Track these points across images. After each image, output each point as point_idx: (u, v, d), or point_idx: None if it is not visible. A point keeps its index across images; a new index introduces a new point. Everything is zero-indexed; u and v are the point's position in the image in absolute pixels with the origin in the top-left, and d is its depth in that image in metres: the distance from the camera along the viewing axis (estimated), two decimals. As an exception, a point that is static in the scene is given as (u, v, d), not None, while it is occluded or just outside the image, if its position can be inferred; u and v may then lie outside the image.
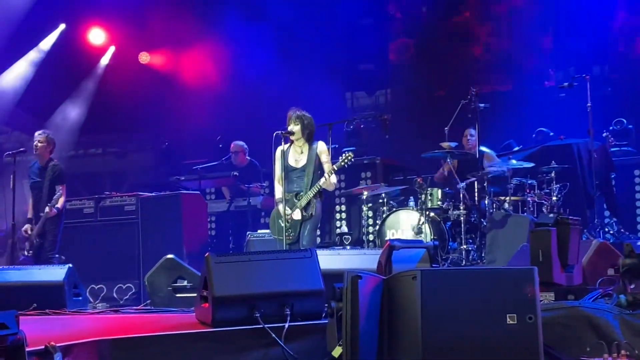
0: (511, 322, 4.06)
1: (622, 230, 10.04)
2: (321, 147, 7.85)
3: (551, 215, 5.43)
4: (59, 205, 9.07)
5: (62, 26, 13.64)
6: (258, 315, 4.84)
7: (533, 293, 4.05)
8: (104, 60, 14.20)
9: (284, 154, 7.82)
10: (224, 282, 4.99)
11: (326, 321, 4.63)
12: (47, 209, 8.99)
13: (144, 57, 14.31)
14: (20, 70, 13.60)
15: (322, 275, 5.22)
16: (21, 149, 9.43)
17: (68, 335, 4.79)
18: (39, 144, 9.30)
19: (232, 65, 13.75)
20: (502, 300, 4.09)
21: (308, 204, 7.62)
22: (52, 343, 4.19)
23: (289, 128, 7.78)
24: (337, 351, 4.32)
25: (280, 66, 14.03)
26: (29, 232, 9.12)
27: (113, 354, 4.51)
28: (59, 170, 9.35)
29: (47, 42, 13.66)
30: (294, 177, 7.78)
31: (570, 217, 5.44)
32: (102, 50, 14.16)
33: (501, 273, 4.29)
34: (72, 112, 14.11)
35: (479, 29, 14.58)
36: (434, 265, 5.64)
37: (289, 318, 4.87)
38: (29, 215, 9.35)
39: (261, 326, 4.78)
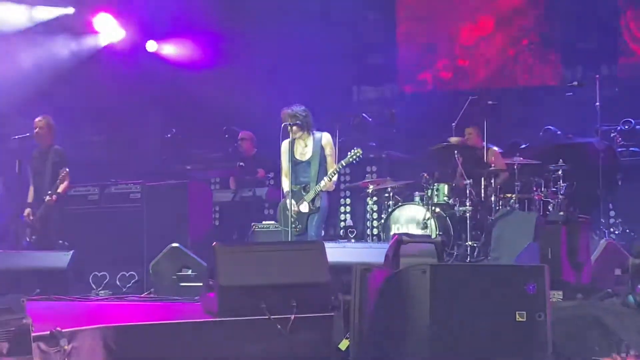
0: (520, 319, 4.04)
1: (627, 230, 10.00)
2: (326, 139, 7.85)
3: (561, 213, 5.41)
4: (60, 190, 9.01)
5: (71, 10, 13.55)
6: (264, 305, 4.82)
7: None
8: (110, 46, 14.12)
9: (290, 147, 7.80)
10: (231, 272, 4.98)
11: (332, 313, 4.61)
12: (47, 197, 8.92)
13: (152, 45, 14.25)
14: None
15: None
16: (27, 134, 9.35)
17: (73, 321, 4.78)
18: (39, 130, 9.25)
19: (239, 56, 13.69)
20: (511, 297, 4.08)
21: (315, 196, 7.61)
22: (58, 328, 4.18)
23: (288, 128, 7.76)
24: (344, 344, 4.31)
25: (287, 58, 14.00)
26: (31, 217, 9.08)
27: (118, 340, 4.50)
28: (61, 154, 9.29)
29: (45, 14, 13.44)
30: (300, 170, 7.78)
31: (580, 215, 5.42)
32: (109, 36, 14.08)
33: (511, 270, 4.28)
34: (76, 97, 14.05)
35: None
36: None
37: (295, 309, 4.85)
38: (29, 199, 9.30)
39: (267, 317, 4.77)
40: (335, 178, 7.78)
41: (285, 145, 7.82)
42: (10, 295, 4.01)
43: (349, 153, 7.67)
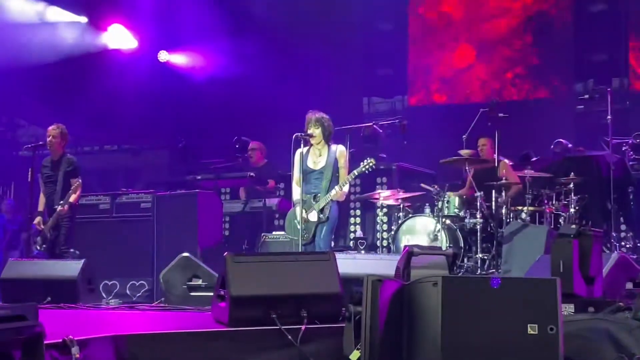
0: (532, 332, 4.02)
1: (638, 244, 9.98)
2: (340, 151, 7.86)
3: (572, 226, 5.39)
4: (72, 200, 9.03)
5: (84, 19, 13.64)
6: (275, 316, 4.82)
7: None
8: (122, 56, 14.20)
9: (303, 156, 7.82)
10: (242, 281, 4.98)
11: (343, 324, 4.61)
12: (59, 207, 8.93)
13: (163, 56, 14.33)
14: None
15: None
16: (40, 143, 9.38)
17: (84, 330, 4.79)
18: (53, 139, 9.28)
19: (251, 66, 13.74)
20: (523, 309, 4.06)
21: (325, 205, 7.61)
22: (70, 337, 4.18)
23: (309, 131, 7.76)
24: (355, 355, 4.30)
25: (297, 69, 14.04)
26: (42, 225, 9.10)
27: (130, 350, 4.50)
28: (74, 163, 9.31)
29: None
30: (312, 179, 7.78)
31: (592, 228, 5.40)
32: (121, 46, 14.16)
33: (523, 282, 4.26)
34: (88, 107, 14.12)
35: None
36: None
37: (305, 320, 4.85)
38: (40, 208, 9.32)
39: (278, 327, 4.77)
40: (346, 188, 7.77)
41: (298, 154, 7.83)
42: (24, 304, 4.01)
43: (361, 163, 7.68)
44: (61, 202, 8.94)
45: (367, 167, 7.63)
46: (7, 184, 14.92)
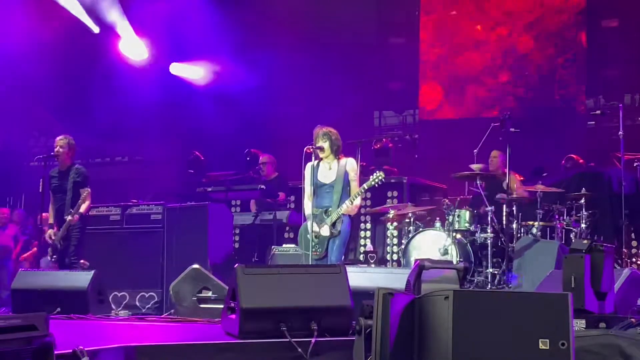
0: (543, 347, 4.00)
1: (649, 260, 9.94)
2: (350, 164, 7.84)
3: (584, 241, 5.37)
4: (82, 210, 9.03)
5: (96, 29, 13.70)
6: (285, 328, 4.82)
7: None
8: (134, 67, 14.25)
9: (314, 170, 7.81)
10: (252, 294, 4.98)
11: (353, 338, 4.59)
12: (69, 217, 8.94)
13: (175, 67, 14.40)
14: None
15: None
16: (51, 154, 9.40)
17: (94, 341, 4.79)
18: (60, 149, 9.28)
19: (262, 80, 13.78)
20: (535, 324, 4.04)
21: (337, 220, 7.59)
22: (81, 347, 4.19)
23: (317, 145, 7.76)
24: (365, 368, 4.29)
25: (309, 82, 14.07)
26: (53, 237, 9.10)
27: (140, 360, 4.50)
28: (83, 172, 9.30)
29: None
30: (323, 193, 7.75)
31: (604, 244, 5.38)
32: (132, 58, 14.22)
33: (535, 297, 4.24)
34: (100, 118, 14.18)
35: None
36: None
37: (316, 333, 4.84)
38: (50, 220, 9.33)
39: (288, 340, 4.76)
40: (357, 201, 7.75)
41: (308, 167, 7.82)
42: (34, 314, 4.01)
43: (371, 177, 7.66)
44: (71, 210, 8.95)
45: (376, 180, 7.61)
46: (18, 194, 14.95)
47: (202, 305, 6.96)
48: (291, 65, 13.84)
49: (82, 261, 9.02)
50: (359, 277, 6.27)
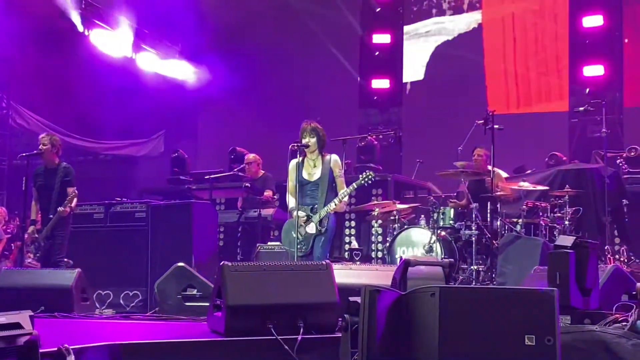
0: (529, 343, 4.01)
1: (632, 257, 9.99)
2: (335, 160, 7.79)
3: (570, 237, 5.38)
4: (73, 204, 8.98)
5: (81, 28, 13.62)
6: (271, 326, 4.81)
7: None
8: (119, 65, 14.19)
9: (298, 167, 7.76)
10: (238, 291, 4.96)
11: (339, 335, 4.59)
12: (60, 208, 8.87)
13: (161, 66, 14.36)
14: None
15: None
16: (35, 152, 9.32)
17: (78, 339, 4.77)
18: (44, 147, 9.21)
19: (247, 77, 13.77)
20: (520, 320, 4.05)
21: (323, 217, 7.56)
22: (66, 345, 4.16)
23: (304, 141, 7.71)
24: (351, 365, 4.28)
25: (293, 81, 14.08)
26: (36, 234, 9.03)
27: (126, 358, 4.47)
28: (71, 172, 9.24)
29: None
30: (307, 191, 7.70)
31: (589, 240, 5.40)
32: (117, 56, 14.16)
33: (521, 293, 4.24)
34: (84, 116, 14.11)
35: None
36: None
37: (302, 330, 4.83)
38: (33, 217, 9.25)
39: (274, 337, 4.75)
40: (346, 199, 7.73)
41: (293, 164, 7.77)
42: (19, 312, 3.99)
43: (360, 175, 7.62)
44: (61, 205, 8.89)
45: (366, 179, 7.56)
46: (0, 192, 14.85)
47: (187, 303, 6.94)
48: (277, 63, 13.85)
49: (65, 259, 8.96)
50: (345, 274, 6.26)
